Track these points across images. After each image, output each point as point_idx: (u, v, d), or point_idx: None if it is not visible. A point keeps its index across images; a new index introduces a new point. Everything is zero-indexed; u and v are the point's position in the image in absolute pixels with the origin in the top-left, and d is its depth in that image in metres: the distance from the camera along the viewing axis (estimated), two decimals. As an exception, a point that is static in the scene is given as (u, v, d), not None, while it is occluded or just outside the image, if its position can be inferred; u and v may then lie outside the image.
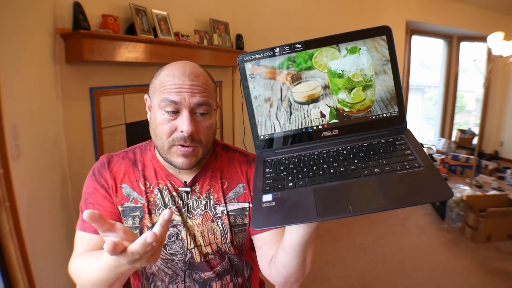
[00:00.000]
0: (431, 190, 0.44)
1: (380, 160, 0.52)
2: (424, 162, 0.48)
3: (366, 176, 0.50)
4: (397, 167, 0.49)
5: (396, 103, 0.59)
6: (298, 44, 0.60)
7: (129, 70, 1.82)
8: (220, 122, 2.77)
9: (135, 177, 0.76)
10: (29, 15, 1.29)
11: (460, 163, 4.31)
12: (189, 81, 0.67)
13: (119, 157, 0.78)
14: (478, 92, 5.38)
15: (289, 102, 0.62)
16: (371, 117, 0.60)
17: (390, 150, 0.54)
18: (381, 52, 0.58)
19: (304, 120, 0.62)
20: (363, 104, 0.60)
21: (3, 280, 1.11)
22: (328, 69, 0.60)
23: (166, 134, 0.68)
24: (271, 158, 0.62)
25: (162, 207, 0.74)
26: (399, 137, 0.57)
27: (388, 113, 0.60)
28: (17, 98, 1.21)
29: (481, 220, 2.48)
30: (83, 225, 0.72)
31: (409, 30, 4.50)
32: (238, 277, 0.79)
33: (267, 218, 0.49)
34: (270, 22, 2.98)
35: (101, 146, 1.69)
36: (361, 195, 0.47)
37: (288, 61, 0.61)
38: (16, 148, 1.18)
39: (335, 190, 0.50)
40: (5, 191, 1.09)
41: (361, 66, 0.59)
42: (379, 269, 2.19)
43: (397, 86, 0.58)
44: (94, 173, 0.76)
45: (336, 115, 0.61)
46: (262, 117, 0.64)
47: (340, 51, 0.59)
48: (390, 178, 0.48)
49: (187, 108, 0.66)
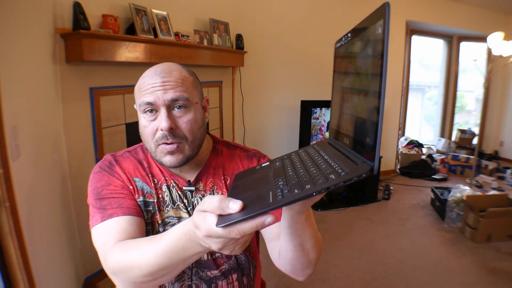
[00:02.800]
0: (236, 216, 0.40)
1: (293, 180, 0.45)
2: (285, 197, 0.40)
3: (274, 181, 0.47)
4: (279, 188, 0.43)
5: (373, 129, 0.40)
6: (363, 29, 0.46)
7: (129, 70, 1.82)
8: (220, 122, 2.77)
9: (145, 172, 0.76)
10: (29, 15, 1.29)
11: (460, 163, 4.31)
12: (160, 79, 0.67)
13: (123, 156, 0.78)
14: (478, 92, 5.38)
15: (341, 95, 0.57)
16: (358, 135, 0.47)
17: (312, 174, 0.45)
18: (373, 42, 0.41)
19: (340, 119, 0.57)
20: (358, 114, 0.48)
21: (3, 280, 1.11)
22: (354, 66, 0.50)
23: (150, 136, 0.68)
24: (315, 146, 0.60)
25: (171, 204, 0.74)
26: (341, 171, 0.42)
27: (363, 138, 0.43)
28: (17, 98, 1.21)
29: (481, 220, 2.48)
30: (106, 213, 0.65)
31: (409, 30, 4.50)
32: (243, 276, 0.79)
33: (242, 173, 0.58)
34: (270, 22, 2.98)
35: (101, 146, 1.69)
36: (249, 188, 0.50)
37: (346, 51, 0.54)
38: (16, 148, 1.18)
39: (261, 178, 0.52)
40: (5, 191, 1.09)
41: (366, 66, 0.45)
42: (379, 269, 2.19)
43: (378, 98, 0.38)
44: (103, 168, 0.73)
45: (348, 122, 0.53)
46: (333, 105, 0.62)
47: (360, 47, 0.47)
48: (265, 190, 0.45)
49: (163, 106, 0.67)
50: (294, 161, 0.55)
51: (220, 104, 2.74)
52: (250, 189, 0.49)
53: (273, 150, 3.23)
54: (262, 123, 3.19)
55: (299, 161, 0.54)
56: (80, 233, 1.66)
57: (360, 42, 0.47)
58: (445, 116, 5.40)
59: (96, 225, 0.65)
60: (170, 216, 0.74)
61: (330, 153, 0.51)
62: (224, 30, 2.52)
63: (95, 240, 0.65)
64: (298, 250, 0.61)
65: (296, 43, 3.20)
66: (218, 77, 2.65)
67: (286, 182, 0.45)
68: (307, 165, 0.50)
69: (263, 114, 3.17)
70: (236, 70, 2.80)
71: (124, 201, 0.68)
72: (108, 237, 0.62)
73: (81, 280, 1.61)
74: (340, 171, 0.42)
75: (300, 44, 3.23)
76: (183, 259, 0.50)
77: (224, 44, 2.49)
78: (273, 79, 3.16)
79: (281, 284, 2.00)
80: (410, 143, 4.65)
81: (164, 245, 0.50)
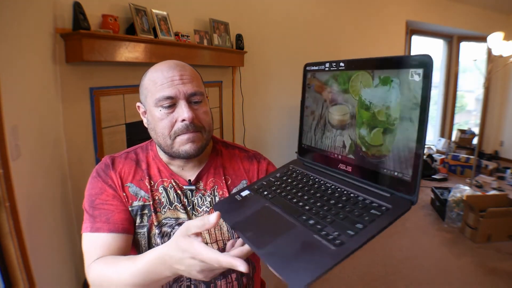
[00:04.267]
0: (296, 271, 0.38)
1: (329, 216, 0.46)
2: (347, 246, 0.41)
3: (297, 220, 0.47)
4: (326, 231, 0.44)
5: (412, 165, 0.44)
6: (342, 62, 0.55)
7: (129, 70, 1.82)
8: (220, 122, 2.77)
9: (140, 176, 0.76)
10: (29, 15, 1.29)
11: (460, 163, 4.31)
12: (177, 72, 0.69)
13: (121, 158, 0.78)
14: (478, 92, 5.38)
15: (325, 121, 0.60)
16: (382, 169, 0.49)
17: (354, 213, 0.46)
18: (413, 91, 0.44)
19: (331, 144, 0.59)
20: (379, 150, 0.49)
21: (3, 280, 1.11)
22: (359, 97, 0.52)
23: (168, 128, 0.69)
24: (294, 167, 0.64)
25: (168, 205, 0.74)
26: (383, 207, 0.46)
27: (400, 173, 0.46)
28: (17, 98, 1.21)
29: (481, 220, 2.48)
30: (95, 226, 0.69)
31: (409, 30, 4.50)
32: (243, 276, 0.80)
33: (223, 206, 0.55)
34: (270, 22, 2.98)
35: (101, 146, 1.69)
36: (269, 230, 0.47)
37: (333, 79, 0.58)
38: (16, 148, 1.18)
39: (268, 215, 0.51)
40: (5, 191, 1.08)
41: (388, 103, 0.47)
42: (379, 269, 2.19)
43: (420, 142, 0.43)
44: (99, 174, 0.75)
45: (354, 151, 0.54)
46: (306, 126, 0.65)
47: (373, 79, 0.49)
48: (303, 234, 0.44)
49: (183, 98, 0.68)
50: (291, 190, 0.57)
51: (220, 104, 2.74)
52: (272, 233, 0.46)
53: (273, 150, 3.23)
54: (262, 123, 3.19)
55: (299, 190, 0.56)
56: (80, 233, 1.65)
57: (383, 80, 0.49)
58: (445, 116, 5.40)
59: (86, 233, 0.70)
60: (167, 217, 0.74)
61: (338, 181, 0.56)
62: (224, 30, 2.52)
63: (83, 245, 0.70)
64: None
65: (296, 43, 3.20)
66: (218, 77, 2.65)
67: (321, 222, 0.46)
68: (317, 197, 0.53)
69: (263, 114, 3.17)
70: (236, 70, 2.80)
71: (112, 214, 0.70)
72: (92, 249, 0.68)
73: (81, 280, 1.61)
74: (383, 207, 0.46)
75: (300, 44, 3.23)
76: (153, 281, 0.55)
77: (224, 44, 2.49)
78: (273, 79, 3.16)
79: (281, 284, 2.00)
80: (410, 143, 4.64)
81: (137, 266, 0.56)
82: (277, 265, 0.40)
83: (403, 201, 0.45)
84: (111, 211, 0.71)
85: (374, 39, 3.89)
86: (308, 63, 0.63)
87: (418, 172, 0.44)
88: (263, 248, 0.43)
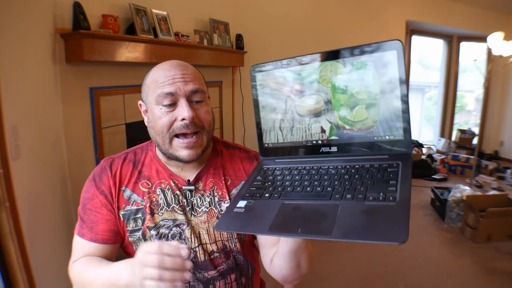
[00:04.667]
0: (387, 229, 0.41)
1: (359, 186, 0.50)
2: (401, 197, 0.45)
3: (334, 200, 0.49)
4: (371, 196, 0.47)
5: (402, 126, 0.53)
6: (304, 57, 0.59)
7: (129, 70, 1.82)
8: (220, 122, 2.77)
9: (135, 178, 0.76)
10: (29, 15, 1.29)
11: (460, 163, 4.31)
12: (179, 71, 0.69)
13: (120, 159, 0.78)
14: (478, 92, 5.38)
15: (292, 114, 0.62)
16: (372, 138, 0.56)
17: (377, 177, 0.51)
18: (389, 69, 0.53)
19: (305, 134, 0.62)
20: (364, 123, 0.56)
21: (3, 280, 1.11)
22: (332, 84, 0.57)
23: (166, 126, 0.69)
24: (268, 167, 0.64)
25: (165, 206, 0.74)
26: (394, 164, 0.53)
27: (392, 135, 0.54)
28: (17, 98, 1.21)
29: (481, 220, 2.48)
30: (81, 231, 0.72)
31: (409, 30, 4.50)
32: (242, 277, 0.79)
33: (229, 222, 0.52)
34: (270, 22, 2.98)
35: (101, 146, 1.69)
36: (317, 218, 0.47)
37: (294, 74, 0.60)
38: (16, 148, 1.18)
39: (298, 209, 0.50)
40: (5, 191, 1.09)
41: (366, 82, 0.55)
42: (379, 269, 2.19)
43: (404, 108, 0.53)
44: (94, 178, 0.75)
45: (336, 132, 0.59)
46: (267, 125, 0.65)
47: (346, 66, 0.56)
48: (355, 206, 0.46)
49: (184, 97, 0.68)
50: (294, 183, 0.57)
51: (220, 104, 2.74)
52: (323, 220, 0.47)
53: (273, 150, 3.22)
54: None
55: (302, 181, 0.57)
56: (80, 233, 1.65)
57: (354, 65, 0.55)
58: (445, 116, 5.40)
59: (75, 234, 0.74)
60: (164, 218, 0.73)
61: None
62: (224, 30, 2.52)
63: (72, 243, 0.75)
64: (293, 268, 0.65)
65: (296, 43, 3.20)
66: (218, 77, 2.65)
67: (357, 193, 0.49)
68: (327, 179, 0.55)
69: (263, 114, 3.17)
70: (236, 70, 2.80)
71: (96, 224, 0.72)
72: (76, 250, 0.73)
73: (81, 280, 1.61)
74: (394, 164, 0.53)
75: (300, 44, 3.23)
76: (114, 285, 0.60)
77: (224, 44, 2.49)
78: (273, 79, 3.15)
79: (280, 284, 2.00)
80: (410, 143, 4.64)
81: (105, 273, 0.62)
82: (365, 236, 0.41)
83: (403, 156, 0.54)
84: (96, 220, 0.73)
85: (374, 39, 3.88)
86: (256, 65, 0.64)
87: (409, 129, 0.53)
88: (331, 234, 0.43)
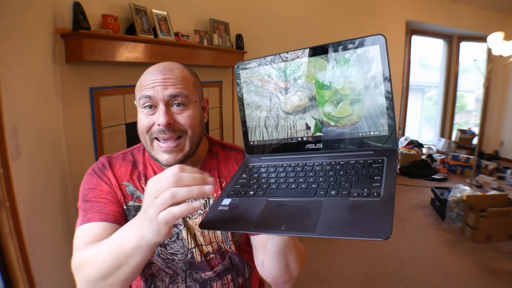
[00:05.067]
0: (370, 226, 0.41)
1: (343, 183, 0.50)
2: (385, 193, 0.46)
3: (319, 197, 0.49)
4: (355, 192, 0.47)
5: (386, 122, 0.53)
6: (287, 53, 0.59)
7: (129, 70, 1.82)
8: (220, 122, 2.77)
9: (137, 176, 0.75)
10: (29, 15, 1.29)
11: (460, 163, 4.31)
12: (161, 75, 0.68)
13: (118, 159, 0.77)
14: (478, 92, 5.38)
15: (277, 111, 0.62)
16: (357, 133, 0.56)
17: (361, 173, 0.51)
18: (372, 64, 0.52)
19: (290, 131, 0.61)
20: (349, 119, 0.56)
21: (3, 280, 1.11)
22: (316, 80, 0.57)
23: (146, 129, 0.69)
24: (253, 165, 0.63)
25: None
26: (379, 159, 0.53)
27: (376, 131, 0.54)
28: (17, 98, 1.21)
29: (481, 220, 2.48)
30: (86, 217, 0.68)
31: (409, 30, 4.51)
32: (238, 277, 0.79)
33: (214, 221, 0.51)
34: (270, 22, 2.98)
35: (101, 146, 1.69)
36: (301, 215, 0.47)
37: (278, 71, 0.60)
38: (16, 148, 1.18)
39: (282, 206, 0.50)
40: (5, 191, 1.09)
41: (349, 78, 0.54)
42: (379, 269, 2.19)
43: (388, 103, 0.53)
44: (95, 171, 0.75)
45: (321, 128, 0.59)
46: (252, 123, 0.65)
47: (329, 62, 0.56)
48: (340, 203, 0.46)
49: (162, 101, 0.67)
50: (279, 181, 0.56)
51: (220, 104, 2.74)
52: (307, 216, 0.46)
53: (273, 150, 3.22)
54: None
55: (286, 178, 0.56)
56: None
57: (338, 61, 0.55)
58: (445, 116, 5.40)
59: (77, 227, 0.67)
60: None
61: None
62: (224, 30, 2.52)
63: (74, 240, 0.67)
64: (282, 269, 0.63)
65: (296, 43, 3.20)
66: (218, 77, 2.65)
67: (341, 189, 0.49)
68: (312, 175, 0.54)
69: (263, 114, 3.17)
70: (236, 70, 2.80)
71: (105, 206, 0.69)
72: (81, 239, 0.65)
73: (81, 280, 1.60)
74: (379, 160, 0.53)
75: (300, 44, 3.22)
76: (124, 254, 0.51)
77: (224, 44, 2.49)
78: (273, 79, 3.16)
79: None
80: (410, 143, 4.65)
81: (111, 240, 0.54)
82: (348, 233, 0.41)
83: (389, 151, 0.54)
84: (103, 203, 0.70)
85: (374, 39, 3.89)
86: (240, 62, 0.64)
87: (394, 125, 0.53)
88: (315, 231, 0.43)
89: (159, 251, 0.74)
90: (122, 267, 0.52)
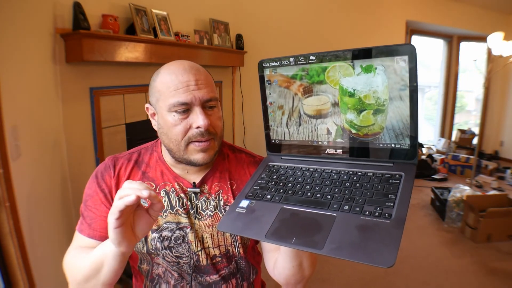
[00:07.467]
0: (376, 252, 0.41)
1: (357, 197, 0.50)
2: (396, 215, 0.45)
3: (332, 210, 0.49)
4: (367, 210, 0.47)
5: (408, 135, 0.52)
6: (312, 55, 0.57)
7: (129, 70, 1.82)
8: (220, 122, 2.77)
9: (139, 179, 0.75)
10: (29, 15, 1.29)
11: (460, 163, 4.31)
12: (193, 76, 0.67)
13: (124, 159, 0.77)
14: (478, 92, 5.38)
15: (299, 113, 0.62)
16: (378, 144, 0.55)
17: (377, 188, 0.50)
18: (399, 75, 0.50)
19: (311, 134, 0.62)
20: (371, 129, 0.55)
21: (3, 280, 1.11)
22: (340, 86, 0.56)
23: (181, 134, 0.67)
24: (273, 164, 0.64)
25: (169, 209, 0.73)
26: (397, 175, 0.52)
27: (398, 144, 0.53)
28: (17, 98, 1.21)
29: (481, 220, 2.48)
30: (80, 227, 0.73)
31: (409, 30, 4.50)
32: (243, 281, 0.79)
33: (231, 223, 0.52)
34: (270, 22, 2.98)
35: (101, 146, 1.69)
36: (313, 229, 0.47)
37: (302, 72, 0.59)
38: (16, 148, 1.18)
39: (296, 216, 0.50)
40: (5, 191, 1.09)
41: (374, 87, 0.52)
42: (379, 269, 2.19)
43: (413, 117, 0.51)
44: (97, 175, 0.74)
45: (342, 135, 0.58)
46: (274, 122, 0.65)
47: (354, 68, 0.53)
48: (350, 220, 0.46)
49: (198, 105, 0.67)
50: (296, 186, 0.57)
51: (220, 104, 2.74)
52: (318, 230, 0.47)
53: (273, 150, 3.22)
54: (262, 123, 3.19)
55: (304, 183, 0.57)
56: (80, 233, 1.66)
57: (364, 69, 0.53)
58: (445, 116, 5.40)
59: (76, 230, 0.74)
60: (168, 221, 0.72)
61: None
62: (224, 30, 2.52)
63: (72, 240, 0.75)
64: (295, 269, 0.64)
65: (296, 43, 3.20)
66: (218, 77, 2.65)
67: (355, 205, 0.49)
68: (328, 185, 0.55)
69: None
70: (236, 70, 2.80)
71: (94, 221, 0.72)
72: (74, 242, 0.74)
73: (81, 280, 1.61)
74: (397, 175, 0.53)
75: (300, 44, 3.23)
76: (100, 260, 0.60)
77: (224, 44, 2.49)
78: (273, 79, 3.16)
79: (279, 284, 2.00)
80: (410, 143, 4.64)
81: (94, 250, 0.62)
82: (353, 256, 0.41)
83: (408, 166, 0.53)
84: (94, 216, 0.72)
85: (374, 39, 3.89)
86: (264, 59, 0.63)
87: (416, 139, 0.52)
88: (323, 248, 0.44)
89: (164, 253, 0.73)
90: (100, 271, 0.60)
